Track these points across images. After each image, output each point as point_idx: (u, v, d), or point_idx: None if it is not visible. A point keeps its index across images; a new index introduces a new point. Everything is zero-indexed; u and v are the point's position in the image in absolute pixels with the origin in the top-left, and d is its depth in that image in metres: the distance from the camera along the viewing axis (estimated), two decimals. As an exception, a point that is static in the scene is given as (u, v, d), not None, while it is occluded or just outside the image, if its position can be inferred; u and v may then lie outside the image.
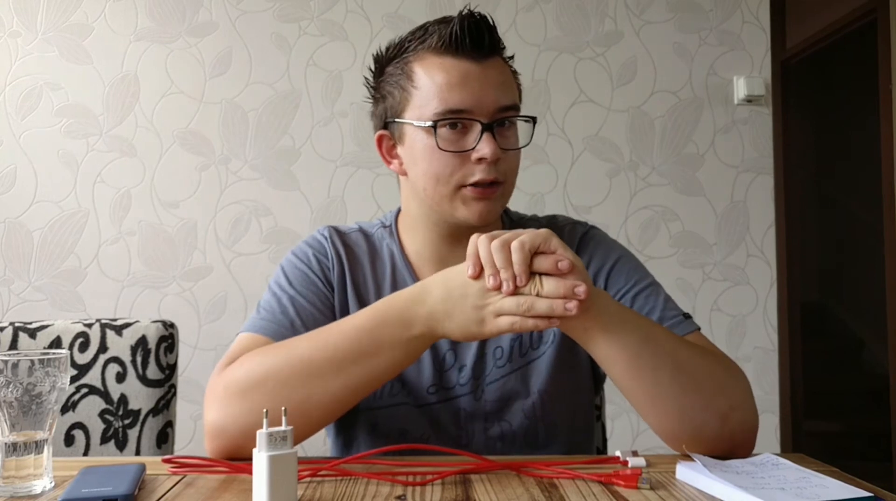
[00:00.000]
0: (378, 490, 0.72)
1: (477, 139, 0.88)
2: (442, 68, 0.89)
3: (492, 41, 0.90)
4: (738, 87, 2.53)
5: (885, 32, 2.21)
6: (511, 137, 0.92)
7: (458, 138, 0.89)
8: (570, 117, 2.53)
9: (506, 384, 0.95)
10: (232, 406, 0.81)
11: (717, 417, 0.80)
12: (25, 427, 0.70)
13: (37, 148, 2.45)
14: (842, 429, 2.85)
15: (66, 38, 2.47)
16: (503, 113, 0.90)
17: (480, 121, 0.88)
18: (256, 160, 2.48)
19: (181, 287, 2.44)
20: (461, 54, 0.89)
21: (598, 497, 0.70)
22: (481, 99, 0.88)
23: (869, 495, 0.67)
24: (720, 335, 2.50)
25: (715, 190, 2.54)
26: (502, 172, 0.90)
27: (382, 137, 0.96)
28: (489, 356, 0.96)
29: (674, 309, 0.93)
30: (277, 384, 0.81)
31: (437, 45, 0.89)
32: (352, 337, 0.81)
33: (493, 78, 0.90)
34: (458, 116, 0.88)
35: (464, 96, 0.88)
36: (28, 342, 1.16)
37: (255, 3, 2.50)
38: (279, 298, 0.95)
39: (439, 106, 0.88)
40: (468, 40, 0.88)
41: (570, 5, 2.55)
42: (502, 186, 0.91)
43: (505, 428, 0.95)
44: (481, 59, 0.89)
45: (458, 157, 0.89)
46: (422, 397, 0.95)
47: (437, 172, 0.90)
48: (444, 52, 0.89)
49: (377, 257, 1.00)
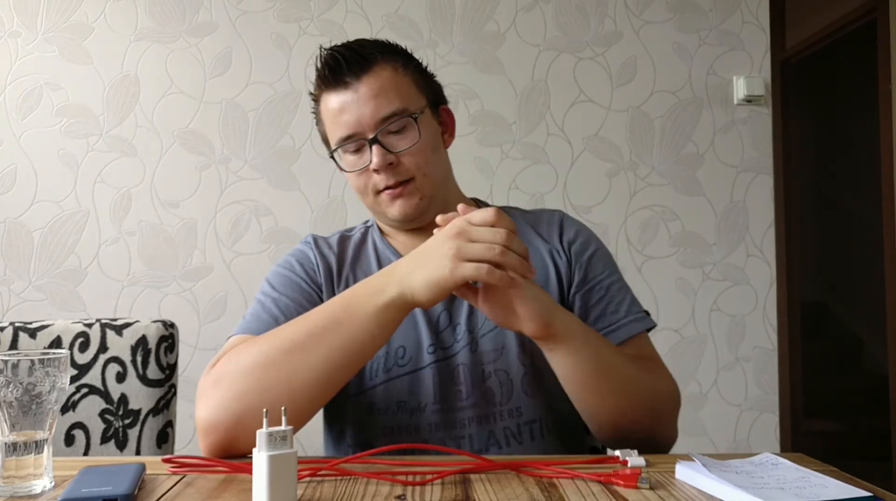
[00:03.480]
0: (378, 489, 0.72)
1: (370, 154, 0.98)
2: (326, 103, 1.01)
3: (359, 62, 0.98)
4: (738, 87, 2.53)
5: (885, 32, 2.21)
6: (403, 138, 0.99)
7: (358, 158, 1.00)
8: (569, 117, 2.53)
9: (498, 334, 1.00)
10: (221, 399, 0.83)
11: (644, 428, 0.91)
12: (25, 427, 0.70)
13: (37, 148, 2.45)
14: (841, 429, 2.85)
15: (67, 38, 2.47)
16: (384, 122, 0.98)
17: (366, 138, 0.98)
18: (256, 160, 2.48)
19: (181, 287, 2.44)
20: (334, 86, 0.99)
21: (597, 497, 0.70)
22: (360, 119, 0.97)
23: (868, 494, 0.67)
24: (720, 334, 2.50)
25: (714, 190, 2.54)
26: (406, 170, 0.99)
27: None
28: None
29: (638, 305, 1.03)
30: (261, 368, 0.84)
31: (320, 83, 1.01)
32: (328, 311, 0.86)
33: (367, 94, 0.97)
34: (348, 141, 0.99)
35: (345, 123, 0.98)
36: (28, 342, 1.16)
37: (256, 3, 2.50)
38: (263, 302, 1.01)
39: (335, 136, 1.00)
40: (332, 73, 0.98)
41: (569, 5, 2.55)
42: (414, 181, 1.00)
43: (502, 378, 0.99)
44: (351, 82, 0.98)
45: (363, 173, 1.00)
46: (422, 359, 0.99)
47: (356, 187, 1.02)
48: (326, 88, 1.00)
49: (362, 251, 1.08)
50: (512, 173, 2.49)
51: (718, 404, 2.49)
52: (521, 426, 0.98)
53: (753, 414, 2.50)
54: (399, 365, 0.99)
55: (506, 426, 0.98)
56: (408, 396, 0.98)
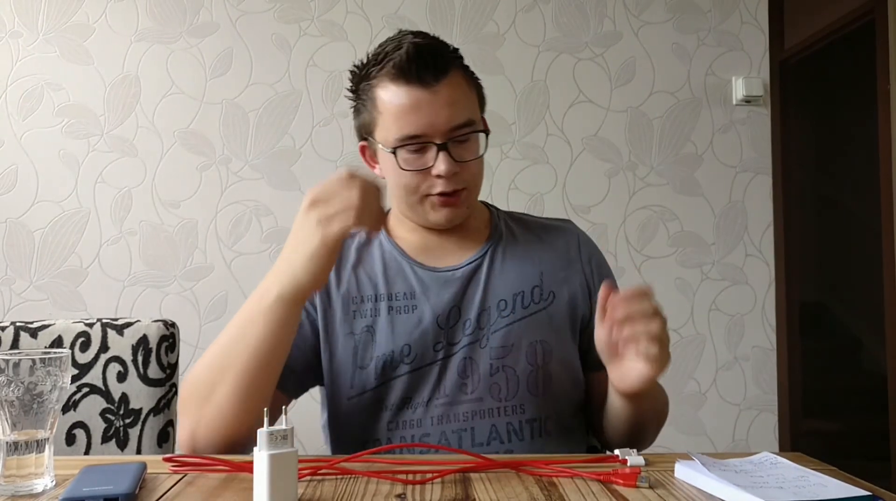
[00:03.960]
0: (378, 488, 0.73)
1: (434, 158, 0.97)
2: (396, 96, 0.96)
3: (441, 64, 0.96)
4: (737, 87, 2.53)
5: (884, 33, 2.21)
6: (468, 150, 1.00)
7: (418, 158, 0.98)
8: (568, 118, 2.53)
9: (510, 331, 1.01)
10: (185, 425, 0.91)
11: (653, 436, 1.03)
12: (27, 426, 0.71)
13: (38, 148, 2.45)
14: (840, 428, 2.85)
15: (67, 39, 2.48)
16: (456, 131, 0.97)
17: (435, 142, 0.96)
18: (257, 160, 2.48)
19: (182, 287, 2.45)
20: (412, 82, 0.95)
21: (597, 496, 0.70)
22: (434, 122, 0.96)
23: (867, 494, 0.67)
24: (719, 334, 2.51)
25: (713, 190, 2.54)
26: (462, 180, 0.99)
27: (364, 147, 1.06)
28: (493, 308, 1.02)
29: None
30: (194, 392, 0.91)
31: (392, 72, 0.96)
32: (236, 321, 0.91)
33: (444, 100, 0.96)
34: (414, 140, 0.96)
35: (418, 122, 0.95)
36: (29, 342, 1.17)
37: (256, 3, 2.50)
38: None
39: (397, 132, 0.96)
40: (415, 68, 0.95)
41: (568, 6, 2.55)
42: (465, 191, 1.01)
43: (509, 374, 1.00)
44: (432, 83, 0.95)
45: (419, 173, 0.98)
46: (429, 355, 1.00)
47: (404, 185, 1.00)
48: (398, 80, 0.96)
49: (365, 252, 1.08)
50: (511, 174, 2.50)
51: (717, 403, 2.49)
52: (524, 424, 0.99)
53: (752, 414, 2.51)
54: (405, 363, 0.99)
55: (508, 421, 0.98)
56: (413, 392, 0.99)
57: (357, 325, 1.01)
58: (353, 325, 1.01)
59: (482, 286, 1.03)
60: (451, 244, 1.07)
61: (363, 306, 1.02)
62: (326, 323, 1.02)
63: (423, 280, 1.03)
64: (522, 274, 1.05)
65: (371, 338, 1.00)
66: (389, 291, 1.03)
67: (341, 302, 1.02)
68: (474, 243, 1.08)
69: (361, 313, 1.02)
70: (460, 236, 1.07)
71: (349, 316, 1.02)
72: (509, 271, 1.05)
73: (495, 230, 1.10)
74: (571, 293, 1.06)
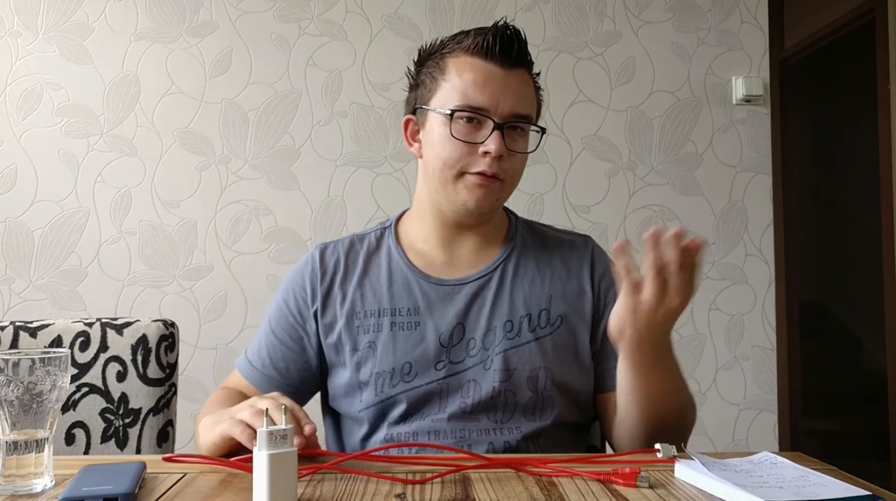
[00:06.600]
0: (378, 487, 0.73)
1: (487, 135, 0.97)
2: (471, 68, 0.99)
3: (519, 52, 1.00)
4: (737, 87, 2.53)
5: (884, 33, 2.21)
6: (519, 141, 1.00)
7: (471, 131, 0.98)
8: (568, 117, 2.53)
9: (513, 355, 1.00)
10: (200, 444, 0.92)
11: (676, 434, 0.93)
12: (26, 426, 0.70)
13: (37, 148, 2.45)
14: (840, 428, 2.85)
15: (67, 38, 2.48)
16: (516, 120, 0.98)
17: (493, 119, 0.97)
18: (256, 160, 2.48)
19: (181, 286, 2.45)
20: (490, 59, 0.98)
21: (596, 496, 0.70)
22: (499, 101, 0.97)
23: (867, 494, 0.67)
24: (718, 334, 2.51)
25: (713, 190, 2.54)
26: (504, 169, 0.98)
27: (409, 121, 1.06)
28: (499, 328, 1.01)
29: None
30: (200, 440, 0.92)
31: (471, 47, 0.99)
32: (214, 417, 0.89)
33: (514, 85, 0.99)
34: (474, 112, 0.97)
35: (484, 95, 0.97)
36: (29, 341, 1.16)
37: (256, 3, 2.50)
38: (265, 334, 1.08)
39: (461, 100, 0.97)
40: (497, 47, 0.98)
41: (568, 5, 2.55)
42: (503, 183, 1.00)
43: (509, 398, 0.99)
44: (507, 66, 0.98)
45: (467, 146, 0.97)
46: (430, 375, 0.99)
47: (447, 156, 0.98)
48: (476, 54, 0.99)
49: (373, 261, 1.07)
50: (511, 173, 2.49)
51: (717, 403, 2.49)
52: (520, 442, 0.98)
53: (752, 413, 2.51)
54: (405, 381, 0.99)
55: (506, 439, 0.98)
56: (413, 409, 0.99)
57: (360, 341, 1.01)
58: (356, 340, 1.01)
59: (489, 305, 1.02)
60: (464, 250, 1.06)
61: (366, 322, 1.02)
62: (329, 340, 1.03)
63: (428, 295, 1.02)
64: (531, 295, 1.04)
65: (373, 354, 1.00)
66: (393, 306, 1.02)
67: (345, 319, 1.02)
68: (488, 253, 1.07)
69: (364, 328, 1.02)
70: (476, 241, 1.06)
71: (353, 332, 1.02)
72: (518, 291, 1.04)
73: (510, 241, 1.09)
74: (579, 317, 1.04)
